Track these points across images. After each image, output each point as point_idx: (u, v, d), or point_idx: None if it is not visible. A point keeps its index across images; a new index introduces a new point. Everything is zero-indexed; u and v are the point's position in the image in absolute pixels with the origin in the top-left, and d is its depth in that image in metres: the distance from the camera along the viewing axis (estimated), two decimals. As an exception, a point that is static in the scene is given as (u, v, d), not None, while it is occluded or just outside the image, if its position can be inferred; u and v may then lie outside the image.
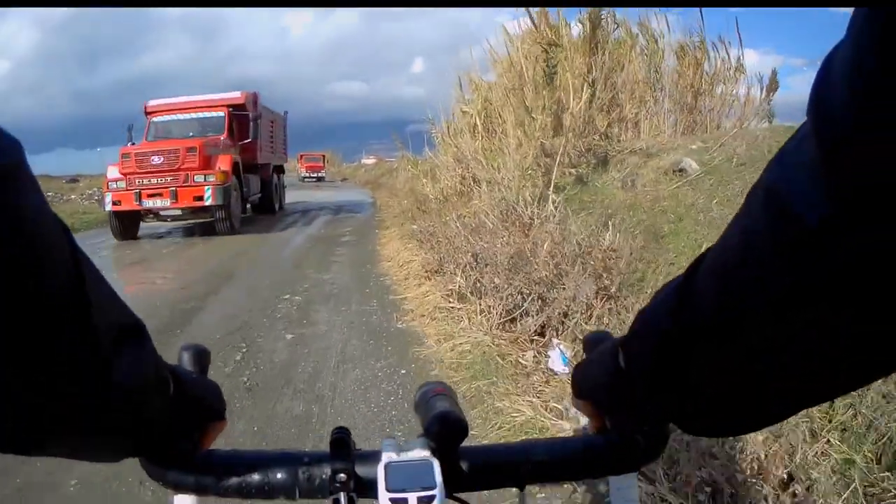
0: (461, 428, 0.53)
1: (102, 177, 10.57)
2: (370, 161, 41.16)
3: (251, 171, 12.00)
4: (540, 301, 3.39)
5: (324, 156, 40.91)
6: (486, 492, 0.56)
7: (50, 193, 17.69)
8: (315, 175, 37.24)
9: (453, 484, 0.52)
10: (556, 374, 2.83)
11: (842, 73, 0.25)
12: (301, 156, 39.48)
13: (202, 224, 10.86)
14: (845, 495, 1.74)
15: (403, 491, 0.48)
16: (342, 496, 0.51)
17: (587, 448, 0.56)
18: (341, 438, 0.53)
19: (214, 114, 11.52)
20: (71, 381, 0.34)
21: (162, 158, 9.87)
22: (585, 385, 0.56)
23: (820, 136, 0.27)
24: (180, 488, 0.53)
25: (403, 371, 3.30)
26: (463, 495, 0.55)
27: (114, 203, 9.86)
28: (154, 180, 9.76)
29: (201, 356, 0.58)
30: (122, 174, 9.91)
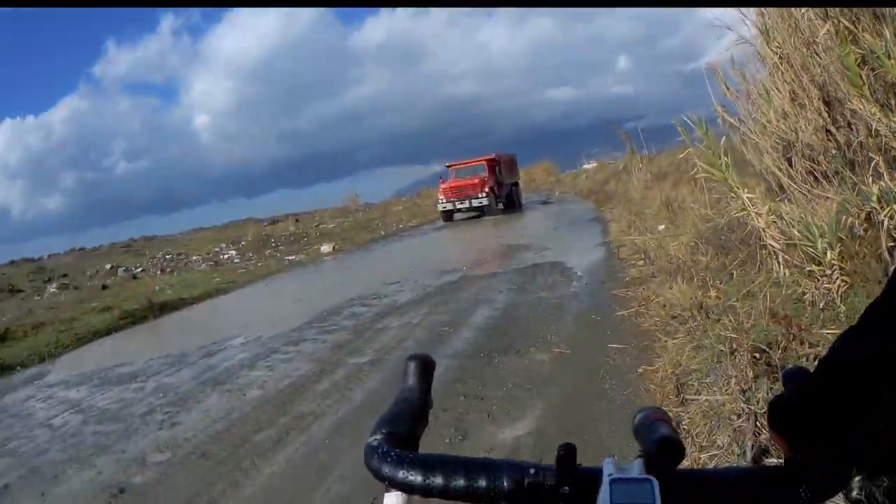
0: (679, 451, 0.55)
1: (313, 212, 29.52)
2: (590, 165, 35.42)
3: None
4: None
5: (493, 160, 21.59)
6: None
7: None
8: (472, 202, 19.88)
9: None
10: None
11: None
12: (450, 165, 22.33)
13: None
14: None
15: None
16: None
17: (790, 478, 0.56)
18: (568, 454, 0.56)
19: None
20: None
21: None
22: (777, 419, 0.58)
23: None
24: (407, 489, 0.58)
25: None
26: None
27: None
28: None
29: (427, 366, 0.67)
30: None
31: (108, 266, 18.81)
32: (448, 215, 20.39)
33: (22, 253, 24.42)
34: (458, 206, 20.10)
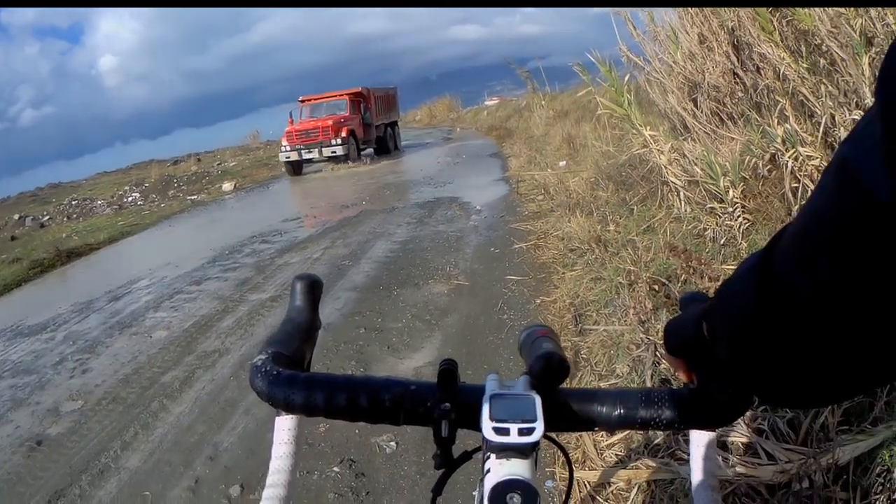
0: (563, 368, 0.54)
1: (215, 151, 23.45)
2: (492, 102, 35.32)
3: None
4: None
5: (359, 95, 16.79)
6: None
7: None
8: (322, 150, 14.84)
9: (550, 423, 0.52)
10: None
11: None
12: (303, 100, 16.94)
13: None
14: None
15: (505, 421, 0.50)
16: (444, 424, 0.53)
17: (674, 401, 0.56)
18: (448, 370, 0.55)
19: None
20: None
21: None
22: (674, 343, 0.56)
23: (885, 119, 0.26)
24: (290, 408, 0.56)
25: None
26: (555, 435, 0.58)
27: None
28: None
29: (313, 286, 0.63)
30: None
31: (15, 216, 17.45)
32: (294, 167, 15.25)
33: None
34: (306, 156, 14.90)
